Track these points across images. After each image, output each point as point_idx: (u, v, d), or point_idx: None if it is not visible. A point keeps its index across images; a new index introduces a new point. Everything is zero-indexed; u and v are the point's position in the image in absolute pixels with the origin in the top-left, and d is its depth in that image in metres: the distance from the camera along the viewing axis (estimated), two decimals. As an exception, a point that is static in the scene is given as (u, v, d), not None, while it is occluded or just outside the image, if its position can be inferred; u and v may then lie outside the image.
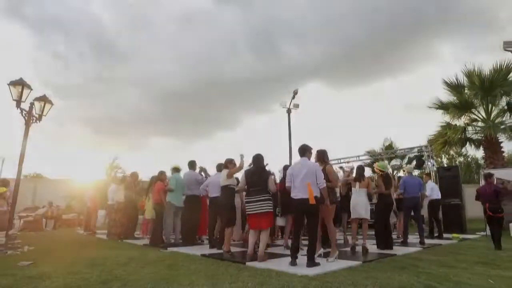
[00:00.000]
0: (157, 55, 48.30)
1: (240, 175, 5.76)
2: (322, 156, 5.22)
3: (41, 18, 48.85)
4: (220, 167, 6.45)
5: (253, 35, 51.73)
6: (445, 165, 29.71)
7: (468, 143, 14.67)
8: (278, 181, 7.46)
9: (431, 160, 11.94)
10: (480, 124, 13.95)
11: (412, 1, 44.58)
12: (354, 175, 6.31)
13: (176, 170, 7.41)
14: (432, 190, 8.71)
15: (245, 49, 52.17)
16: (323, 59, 48.80)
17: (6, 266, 4.18)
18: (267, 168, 5.34)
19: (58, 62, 47.89)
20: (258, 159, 5.22)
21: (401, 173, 19.50)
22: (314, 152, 5.20)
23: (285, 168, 6.54)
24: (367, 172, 8.25)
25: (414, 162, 12.82)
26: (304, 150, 4.81)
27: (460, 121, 14.31)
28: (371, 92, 54.50)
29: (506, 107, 13.24)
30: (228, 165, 5.76)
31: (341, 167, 8.15)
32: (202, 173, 7.73)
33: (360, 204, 5.79)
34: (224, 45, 48.96)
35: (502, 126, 12.81)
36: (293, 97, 16.87)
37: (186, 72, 49.87)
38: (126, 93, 46.32)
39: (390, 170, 8.36)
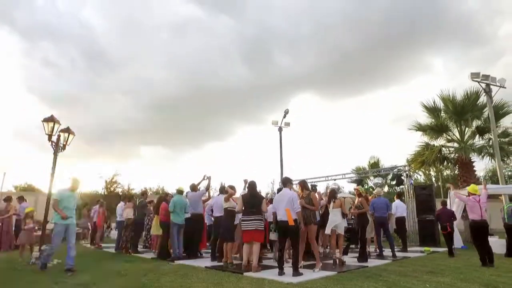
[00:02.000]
0: (148, 63, 49.19)
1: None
2: (304, 185, 6.41)
3: (30, 24, 49.38)
4: (222, 190, 7.59)
5: (246, 44, 53.16)
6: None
7: (445, 161, 16.05)
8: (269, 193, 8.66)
9: (410, 179, 13.09)
10: (455, 145, 15.30)
11: (403, 14, 46.70)
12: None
13: (178, 192, 8.43)
14: (397, 208, 9.92)
15: (238, 58, 53.61)
16: (315, 69, 50.46)
17: (55, 276, 5.20)
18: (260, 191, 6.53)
19: (48, 69, 48.41)
20: (252, 185, 6.38)
21: (386, 189, 20.83)
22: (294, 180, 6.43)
23: (279, 191, 7.69)
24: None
25: (386, 184, 14.03)
26: (285, 182, 6.05)
27: (437, 142, 15.67)
28: (363, 103, 56.27)
29: (475, 130, 14.62)
30: (228, 190, 6.90)
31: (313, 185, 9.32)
32: (206, 181, 8.72)
33: (335, 222, 6.91)
34: (216, 54, 50.20)
35: (473, 148, 14.18)
36: (284, 116, 18.08)
37: (178, 81, 50.90)
38: (116, 101, 47.00)
39: (375, 192, 9.52)
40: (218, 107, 50.07)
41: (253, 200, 6.17)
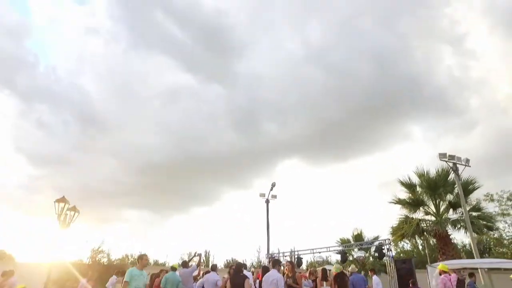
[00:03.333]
0: (140, 128, 50.28)
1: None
2: (292, 267, 7.16)
3: (30, 88, 50.72)
4: (214, 268, 8.17)
5: (235, 111, 55.45)
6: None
7: (424, 233, 16.87)
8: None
9: (390, 253, 13.71)
10: (432, 218, 16.29)
11: (383, 87, 50.37)
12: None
13: (172, 269, 8.89)
14: (377, 285, 10.47)
15: (227, 125, 55.59)
16: (301, 136, 52.43)
17: None
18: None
19: (40, 130, 49.06)
20: (237, 266, 7.06)
21: (371, 259, 21.13)
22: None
23: (264, 268, 8.35)
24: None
25: (370, 255, 14.60)
26: (274, 264, 6.73)
27: (416, 215, 16.65)
28: (348, 168, 57.96)
29: (449, 204, 15.78)
30: (229, 270, 7.53)
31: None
32: (196, 258, 9.26)
33: None
34: (206, 120, 51.98)
35: (448, 222, 15.19)
36: (271, 189, 18.92)
37: (167, 145, 51.93)
38: (105, 164, 47.27)
39: (350, 269, 10.13)
40: (206, 172, 50.84)
41: (237, 279, 6.76)
